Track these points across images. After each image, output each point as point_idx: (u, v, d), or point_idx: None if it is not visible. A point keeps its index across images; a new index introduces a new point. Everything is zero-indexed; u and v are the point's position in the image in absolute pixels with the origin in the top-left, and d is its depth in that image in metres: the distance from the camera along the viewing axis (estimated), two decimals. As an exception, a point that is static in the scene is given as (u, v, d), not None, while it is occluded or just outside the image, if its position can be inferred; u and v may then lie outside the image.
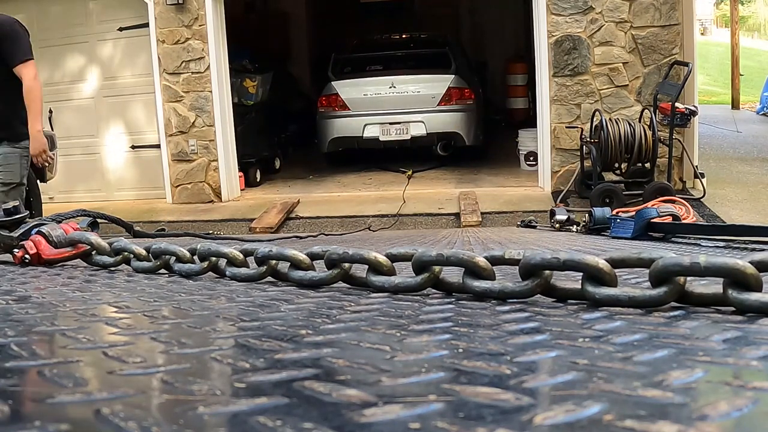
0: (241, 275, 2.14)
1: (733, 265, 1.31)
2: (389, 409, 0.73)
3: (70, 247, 2.71)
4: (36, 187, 9.47)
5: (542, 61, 12.92)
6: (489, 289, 1.60)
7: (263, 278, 2.10)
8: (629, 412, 0.71)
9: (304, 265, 1.97)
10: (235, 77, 14.75)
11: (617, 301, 1.43)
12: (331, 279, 1.92)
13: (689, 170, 12.76)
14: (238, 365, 0.97)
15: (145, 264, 2.44)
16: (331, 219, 12.55)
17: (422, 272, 1.75)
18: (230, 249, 2.21)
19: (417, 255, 1.74)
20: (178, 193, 14.10)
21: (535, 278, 1.56)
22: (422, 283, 1.74)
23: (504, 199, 12.87)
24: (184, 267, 2.33)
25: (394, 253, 1.84)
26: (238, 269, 2.17)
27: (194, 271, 2.30)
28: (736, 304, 1.34)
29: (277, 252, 2.03)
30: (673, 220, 4.98)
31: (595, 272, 1.46)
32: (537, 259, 1.52)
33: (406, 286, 1.76)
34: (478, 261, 1.62)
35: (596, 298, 1.46)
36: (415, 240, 5.79)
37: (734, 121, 23.26)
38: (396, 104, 15.06)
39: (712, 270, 1.31)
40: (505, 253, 1.67)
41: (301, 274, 1.97)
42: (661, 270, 1.39)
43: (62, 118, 12.91)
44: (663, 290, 1.40)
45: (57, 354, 1.08)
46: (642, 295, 1.41)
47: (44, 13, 14.38)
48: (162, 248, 2.41)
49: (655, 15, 12.50)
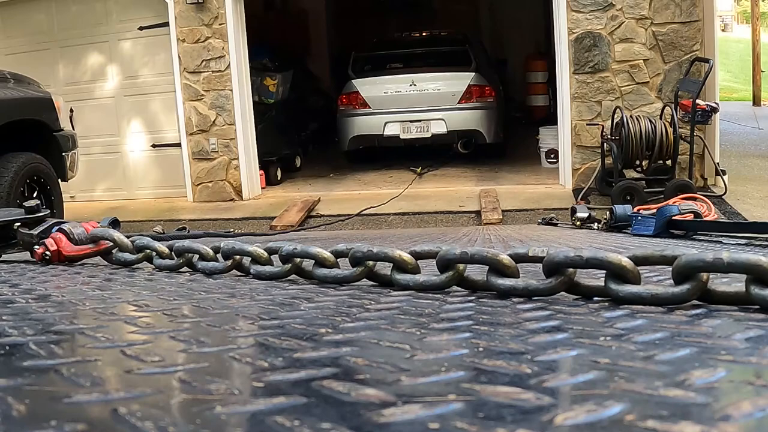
0: (265, 273, 2.15)
1: (756, 262, 1.30)
2: (408, 408, 0.72)
3: (92, 244, 2.70)
4: (57, 186, 9.53)
5: (562, 58, 12.89)
6: (513, 286, 1.60)
7: (288, 276, 2.11)
8: (651, 412, 0.71)
9: (329, 263, 1.98)
10: (255, 76, 14.77)
11: (640, 298, 1.42)
12: (356, 277, 1.93)
13: (710, 167, 12.70)
14: (257, 364, 0.97)
15: (168, 262, 2.44)
16: (352, 217, 12.55)
17: (447, 270, 1.74)
18: (254, 247, 2.21)
19: (441, 253, 1.74)
20: (198, 191, 14.14)
21: (559, 276, 1.56)
22: (447, 281, 1.74)
23: (525, 196, 12.84)
24: (208, 265, 2.33)
25: (419, 251, 1.85)
26: (262, 267, 2.17)
27: (218, 269, 2.30)
28: (759, 301, 1.33)
29: (302, 250, 2.03)
30: (695, 217, 4.96)
31: (618, 270, 1.46)
32: (560, 256, 1.52)
33: (431, 284, 1.75)
34: (502, 259, 1.62)
35: (619, 296, 1.46)
36: (436, 238, 5.79)
37: (755, 118, 23.16)
38: (416, 102, 15.05)
39: (735, 266, 1.30)
40: (529, 251, 1.66)
41: (325, 271, 1.97)
42: (684, 266, 1.38)
43: (83, 117, 12.98)
44: (686, 287, 1.40)
45: (75, 353, 1.08)
46: (665, 292, 1.41)
47: (64, 13, 14.45)
48: (185, 246, 2.41)
49: (676, 11, 12.44)
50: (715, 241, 4.19)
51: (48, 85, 10.81)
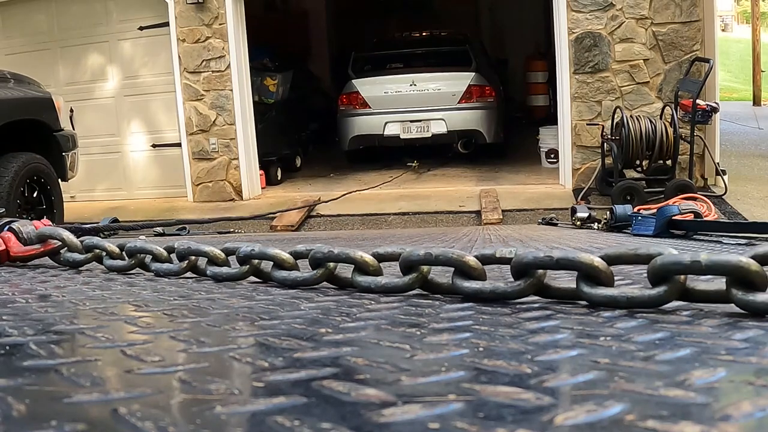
0: (222, 275, 2.09)
1: (736, 263, 1.25)
2: (408, 408, 0.72)
3: (40, 244, 2.61)
4: (57, 186, 9.53)
5: (563, 58, 12.88)
6: (480, 289, 1.54)
7: (245, 278, 2.06)
8: (651, 412, 0.71)
9: (288, 265, 1.92)
10: (255, 76, 14.78)
11: (614, 301, 1.38)
12: (316, 279, 1.87)
13: (710, 167, 12.70)
14: (257, 364, 0.97)
15: (119, 263, 2.36)
16: (352, 217, 12.55)
17: (410, 272, 1.68)
18: (211, 248, 2.15)
19: (404, 254, 1.68)
20: (199, 191, 14.14)
21: (528, 278, 1.50)
22: (410, 283, 1.68)
23: (525, 196, 12.84)
24: (162, 266, 2.27)
25: (381, 253, 1.79)
26: (219, 268, 2.11)
27: (172, 271, 2.24)
28: (742, 306, 1.28)
29: (260, 251, 1.97)
30: (695, 217, 4.96)
31: (590, 271, 1.41)
32: (529, 257, 1.47)
33: (393, 287, 1.70)
34: (468, 260, 1.56)
35: (592, 299, 1.41)
36: (436, 238, 5.79)
37: (755, 118, 23.16)
38: (416, 102, 15.04)
39: (715, 268, 1.25)
40: (496, 251, 1.60)
41: (284, 274, 1.91)
42: (660, 268, 1.34)
43: (83, 117, 12.97)
44: (662, 289, 1.35)
45: (75, 353, 1.08)
46: (641, 295, 1.36)
47: (64, 13, 14.45)
48: (137, 247, 2.33)
49: (676, 11, 12.44)
50: (715, 241, 4.19)
51: (48, 85, 10.81)
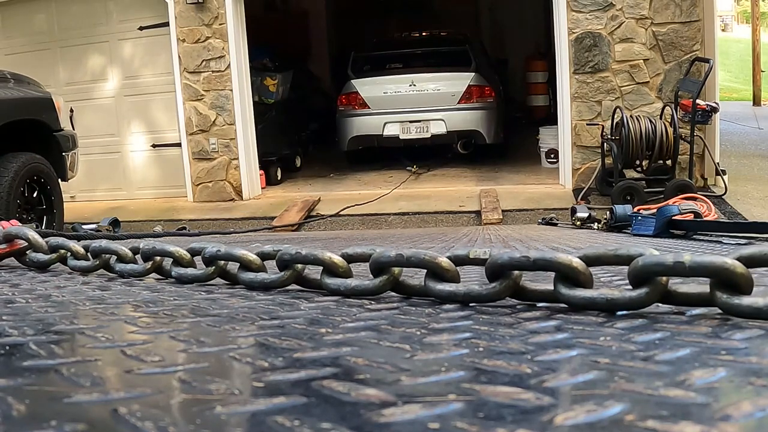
0: (188, 276, 2.05)
1: (721, 264, 1.21)
2: (408, 408, 0.72)
3: (5, 244, 2.54)
4: (57, 186, 9.53)
5: (562, 58, 12.88)
6: (453, 292, 1.51)
7: (211, 279, 2.02)
8: (651, 412, 0.71)
9: (255, 266, 1.89)
10: (255, 76, 14.77)
11: (593, 303, 1.34)
12: (283, 281, 1.84)
13: (710, 167, 12.70)
14: (257, 364, 0.97)
15: (83, 263, 2.33)
16: (352, 217, 12.55)
17: (381, 274, 1.65)
18: (176, 248, 2.10)
19: (375, 256, 1.64)
20: (199, 191, 14.14)
21: (504, 279, 1.47)
22: (381, 286, 1.64)
23: (525, 196, 12.84)
24: (126, 267, 2.22)
25: (350, 254, 1.75)
26: (184, 270, 2.07)
27: (137, 271, 2.20)
28: (725, 309, 1.24)
29: (226, 252, 1.94)
30: (695, 217, 4.96)
31: (568, 272, 1.36)
32: (504, 258, 1.43)
33: (363, 289, 1.66)
34: (441, 262, 1.53)
35: (571, 301, 1.38)
36: (436, 238, 5.79)
37: (755, 118, 23.16)
38: (416, 102, 15.03)
39: (698, 269, 1.22)
40: (469, 252, 1.56)
41: (251, 275, 1.88)
42: (642, 270, 1.30)
43: (83, 117, 12.97)
44: (644, 291, 1.31)
45: (75, 353, 1.08)
46: (621, 297, 1.32)
47: (64, 13, 14.44)
48: (102, 247, 2.29)
49: (676, 11, 12.44)
50: (715, 241, 4.20)
51: (48, 85, 10.80)
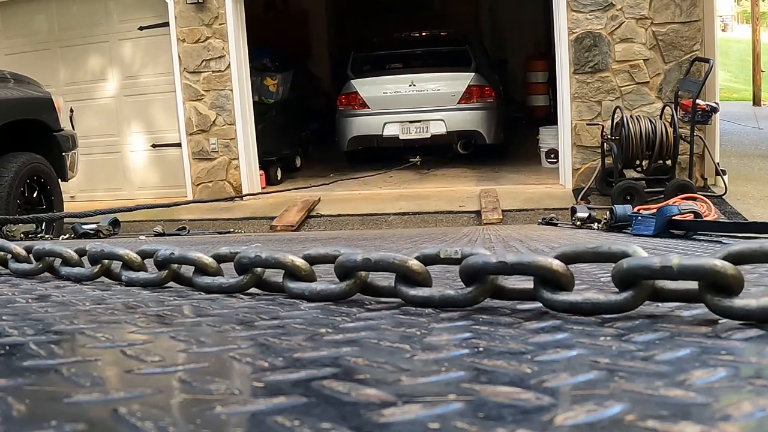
0: (139, 280, 1.94)
1: (711, 267, 1.15)
2: (408, 408, 0.72)
3: None
4: (57, 186, 9.54)
5: (563, 58, 12.89)
6: (427, 297, 1.44)
7: (164, 283, 1.93)
8: (651, 412, 0.71)
9: (211, 270, 1.80)
10: (255, 76, 14.78)
11: (577, 308, 1.29)
12: (242, 286, 1.75)
13: (710, 167, 12.70)
14: (257, 364, 0.96)
15: (26, 266, 2.23)
16: (352, 217, 12.56)
17: (347, 278, 1.57)
18: (126, 251, 1.99)
19: (340, 259, 1.56)
20: (199, 191, 14.14)
21: (481, 283, 1.40)
22: (347, 290, 1.56)
23: (525, 196, 12.85)
24: (73, 271, 2.11)
25: (314, 256, 1.67)
26: (135, 273, 1.96)
27: (84, 275, 2.08)
28: (716, 311, 1.19)
29: (180, 254, 1.85)
30: (695, 217, 4.96)
31: (548, 275, 1.31)
32: (479, 262, 1.36)
33: (329, 294, 1.57)
34: (411, 265, 1.45)
35: (554, 306, 1.32)
36: (436, 238, 5.79)
37: (755, 118, 23.17)
38: (416, 102, 15.03)
39: (687, 273, 1.16)
40: (440, 252, 1.48)
41: (207, 280, 1.79)
42: (627, 273, 1.24)
43: (83, 117, 12.98)
44: (630, 294, 1.25)
45: (75, 353, 1.08)
46: (606, 300, 1.27)
47: (64, 13, 14.45)
48: (45, 249, 2.20)
49: (676, 11, 12.44)
50: (715, 241, 4.20)
51: (48, 86, 10.81)
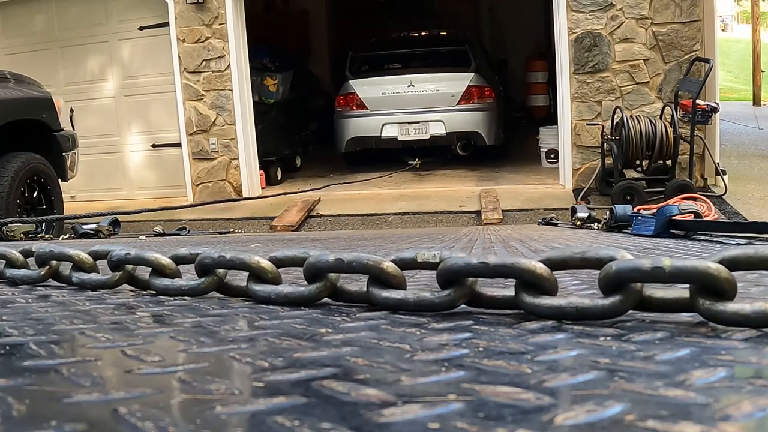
0: (91, 282, 1.85)
1: (704, 269, 1.12)
2: (408, 408, 0.72)
3: None
4: (57, 186, 9.54)
5: (563, 58, 12.89)
6: (401, 300, 1.39)
7: (118, 285, 1.83)
8: (651, 412, 0.71)
9: (169, 271, 1.72)
10: (255, 76, 14.78)
11: (561, 312, 1.24)
12: (204, 288, 1.67)
13: (710, 167, 12.70)
14: (257, 364, 0.96)
15: None
16: (352, 217, 12.55)
17: (316, 280, 1.50)
18: (76, 251, 1.88)
19: (310, 260, 1.49)
20: (199, 191, 14.14)
21: (459, 286, 1.35)
22: (317, 293, 1.50)
23: (525, 196, 12.84)
24: (18, 273, 1.99)
25: (280, 257, 1.60)
26: (87, 275, 1.86)
27: (31, 277, 1.97)
28: (708, 316, 1.17)
29: (136, 255, 1.74)
30: (695, 217, 4.96)
31: (532, 279, 1.26)
32: (459, 264, 1.32)
33: (298, 297, 1.51)
34: (386, 267, 1.39)
35: (535, 311, 1.27)
36: (436, 238, 5.78)
37: (756, 118, 23.18)
38: (415, 103, 14.99)
39: (679, 275, 1.14)
40: (417, 255, 1.41)
41: (166, 282, 1.70)
42: (615, 276, 1.20)
43: (83, 117, 12.97)
44: (618, 299, 1.21)
45: (75, 353, 1.08)
46: (592, 305, 1.22)
47: (64, 14, 14.45)
48: None
49: (676, 11, 12.44)
50: (715, 241, 4.20)
51: (48, 85, 10.81)
